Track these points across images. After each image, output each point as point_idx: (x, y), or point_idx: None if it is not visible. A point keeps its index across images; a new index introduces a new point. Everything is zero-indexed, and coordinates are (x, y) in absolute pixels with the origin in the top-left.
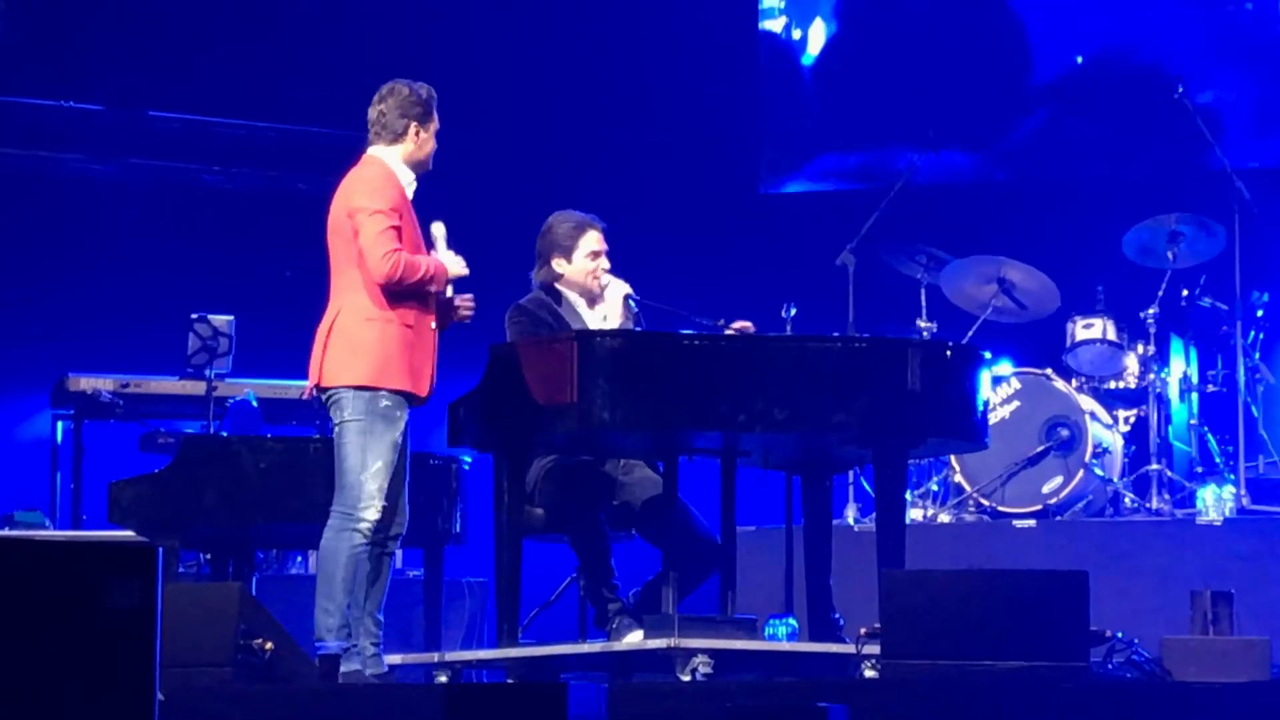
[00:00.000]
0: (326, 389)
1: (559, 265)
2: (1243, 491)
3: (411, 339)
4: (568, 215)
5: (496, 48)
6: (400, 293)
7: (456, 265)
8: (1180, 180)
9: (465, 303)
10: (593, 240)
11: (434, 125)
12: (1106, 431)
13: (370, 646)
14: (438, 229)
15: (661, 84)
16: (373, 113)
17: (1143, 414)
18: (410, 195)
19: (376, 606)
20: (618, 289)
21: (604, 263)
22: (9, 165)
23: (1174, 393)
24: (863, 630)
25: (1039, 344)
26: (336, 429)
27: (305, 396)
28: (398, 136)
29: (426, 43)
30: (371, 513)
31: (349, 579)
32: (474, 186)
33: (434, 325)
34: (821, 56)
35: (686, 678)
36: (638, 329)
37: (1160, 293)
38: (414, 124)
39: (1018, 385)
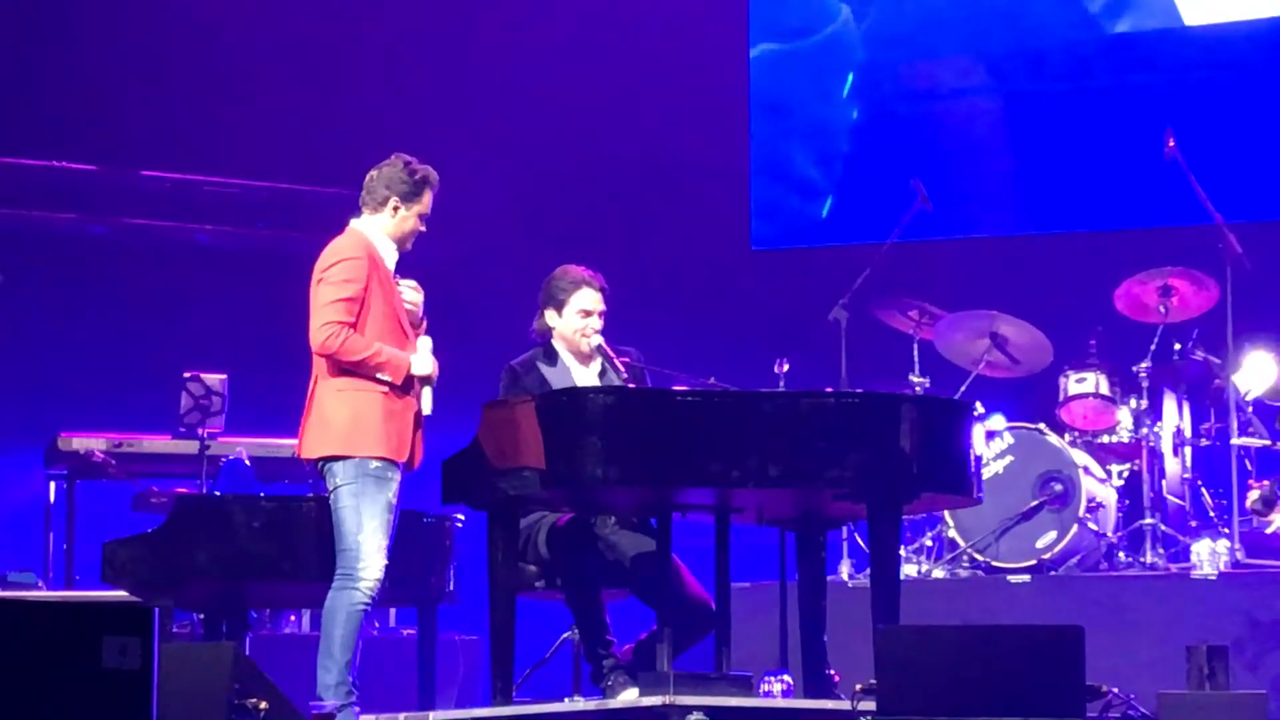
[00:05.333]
0: (314, 461)
1: (551, 318)
2: (1237, 545)
3: (385, 405)
4: (569, 270)
5: (489, 103)
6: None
7: (425, 365)
8: (1172, 234)
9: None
10: (585, 298)
11: (419, 207)
12: (1100, 486)
13: (352, 705)
14: (424, 342)
15: (655, 141)
16: (367, 177)
17: (1136, 468)
18: (391, 266)
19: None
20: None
21: (594, 322)
22: (2, 225)
23: (1167, 446)
24: (858, 686)
25: (1032, 398)
26: (331, 497)
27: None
28: (378, 207)
29: (419, 101)
30: (373, 570)
31: (347, 636)
32: (472, 242)
33: (410, 393)
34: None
35: None
36: (630, 385)
37: (1153, 347)
38: (395, 199)
39: (1011, 440)
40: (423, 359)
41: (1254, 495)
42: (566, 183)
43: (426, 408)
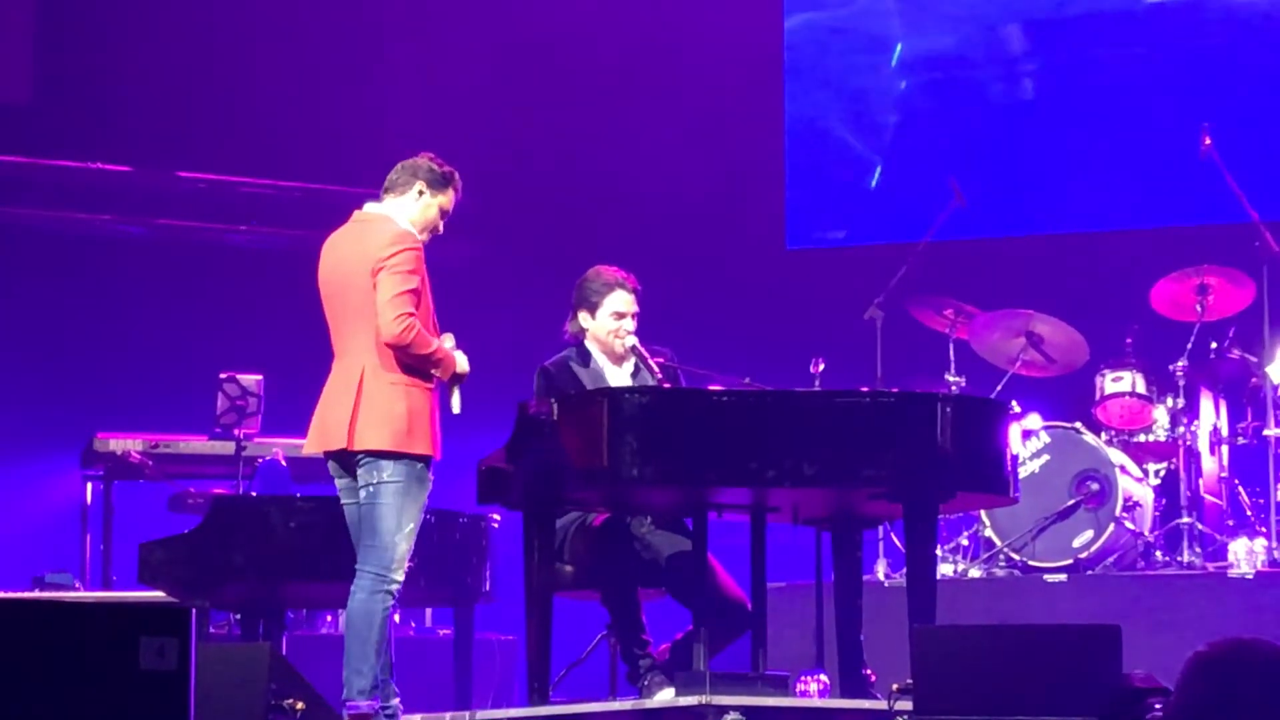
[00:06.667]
0: (355, 452)
1: (585, 319)
2: (1274, 544)
3: (431, 402)
4: (601, 272)
5: (519, 99)
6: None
7: (464, 364)
8: (1209, 231)
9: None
10: (618, 301)
11: (443, 198)
12: (1137, 485)
13: (398, 705)
14: (447, 339)
15: (689, 141)
16: (392, 170)
17: (1173, 467)
18: None
19: (389, 666)
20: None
21: (628, 324)
22: (39, 226)
23: (1204, 445)
24: (894, 686)
25: (1068, 397)
26: (369, 489)
27: (306, 453)
28: (403, 191)
29: (452, 98)
30: (400, 574)
31: (381, 640)
32: (499, 240)
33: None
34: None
35: None
36: (665, 385)
37: (1189, 345)
38: (422, 184)
39: (1047, 439)
40: (462, 357)
41: None
42: (600, 180)
43: (456, 407)
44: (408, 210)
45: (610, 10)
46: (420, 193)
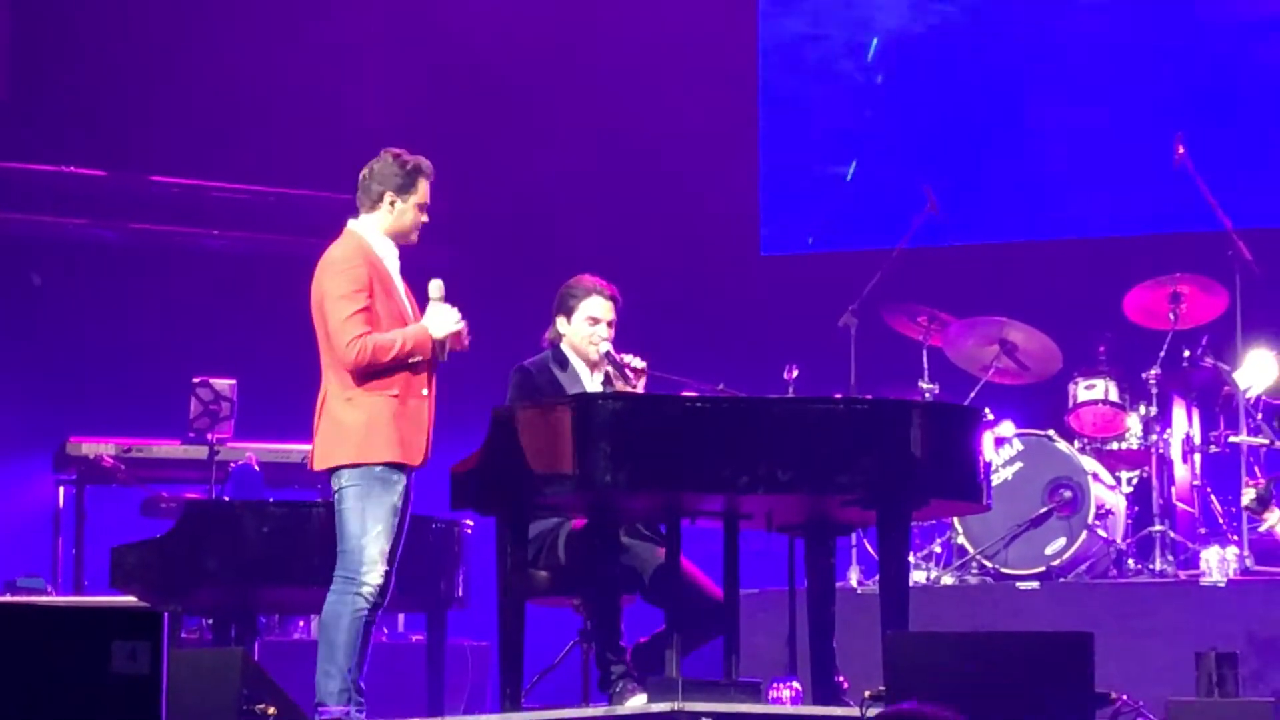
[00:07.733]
0: (323, 471)
1: (561, 324)
2: (1246, 553)
3: (398, 409)
4: (582, 278)
5: (496, 108)
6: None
7: (443, 324)
8: (1182, 240)
9: (459, 341)
10: (594, 306)
11: (415, 198)
12: (1109, 492)
13: (357, 713)
14: (435, 288)
15: (663, 147)
16: (360, 176)
17: (1145, 475)
18: (393, 265)
19: (360, 671)
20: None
21: (602, 330)
22: (11, 230)
23: (1176, 453)
24: (867, 693)
25: (1041, 405)
26: (336, 495)
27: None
28: (374, 205)
29: (428, 107)
30: (374, 577)
31: (351, 643)
32: (478, 249)
33: (425, 392)
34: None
35: None
36: (639, 391)
37: (1162, 353)
38: (390, 194)
39: (1020, 446)
40: (436, 317)
41: (1249, 494)
42: (573, 186)
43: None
44: (381, 222)
45: (584, 14)
46: (391, 203)
